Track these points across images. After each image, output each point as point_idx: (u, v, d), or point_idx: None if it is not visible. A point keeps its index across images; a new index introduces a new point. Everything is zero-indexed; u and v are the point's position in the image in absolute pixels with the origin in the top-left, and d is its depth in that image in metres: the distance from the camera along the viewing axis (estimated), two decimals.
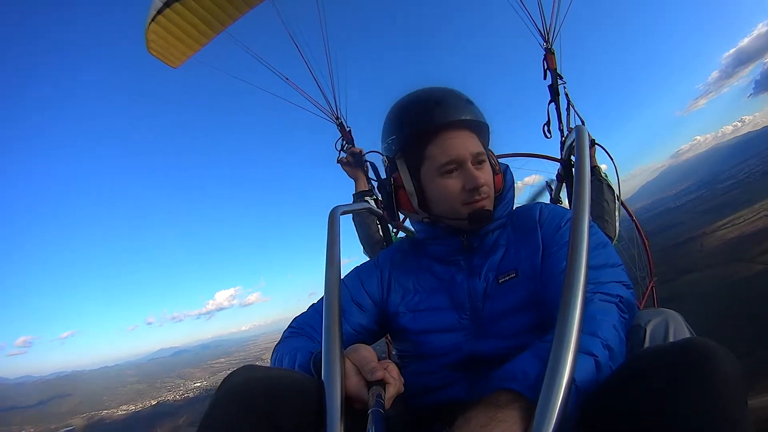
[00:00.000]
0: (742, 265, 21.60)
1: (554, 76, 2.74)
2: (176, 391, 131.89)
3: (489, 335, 1.26)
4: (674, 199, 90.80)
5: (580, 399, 0.79)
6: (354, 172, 2.77)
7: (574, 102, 2.70)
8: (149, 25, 2.98)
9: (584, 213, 0.97)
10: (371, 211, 2.12)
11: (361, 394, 0.92)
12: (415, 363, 1.35)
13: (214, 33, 3.17)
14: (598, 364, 0.85)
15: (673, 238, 39.20)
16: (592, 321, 0.94)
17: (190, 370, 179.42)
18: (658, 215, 69.94)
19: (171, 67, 3.33)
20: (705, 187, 76.88)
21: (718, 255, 27.39)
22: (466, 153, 1.30)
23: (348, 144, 3.02)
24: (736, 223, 31.15)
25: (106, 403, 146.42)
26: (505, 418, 0.76)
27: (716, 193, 58.51)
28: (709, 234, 32.68)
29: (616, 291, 1.07)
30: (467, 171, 1.30)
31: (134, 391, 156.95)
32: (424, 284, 1.41)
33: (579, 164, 1.14)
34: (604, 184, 2.39)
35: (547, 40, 2.76)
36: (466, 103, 1.36)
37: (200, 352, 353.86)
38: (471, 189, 1.29)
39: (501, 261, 1.36)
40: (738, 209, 34.57)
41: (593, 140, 2.36)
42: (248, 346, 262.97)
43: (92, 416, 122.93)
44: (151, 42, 3.08)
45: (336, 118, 3.11)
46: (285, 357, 1.20)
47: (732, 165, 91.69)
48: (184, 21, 2.99)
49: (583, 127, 1.33)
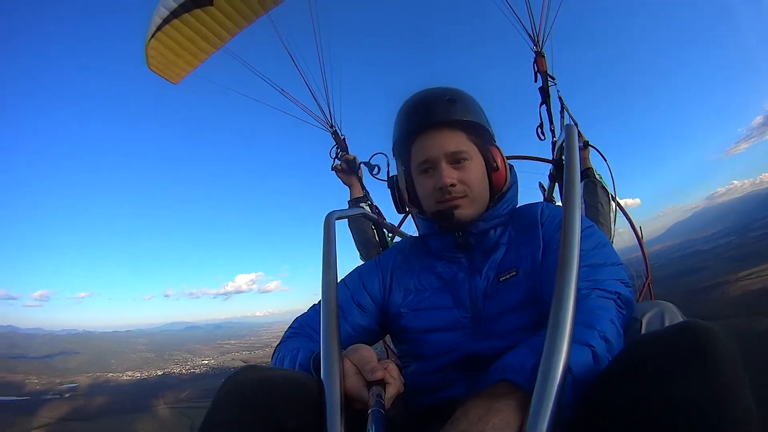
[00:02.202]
0: (761, 320, 21.17)
1: (545, 78, 2.75)
2: (183, 365, 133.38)
3: (488, 334, 1.26)
4: (704, 242, 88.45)
5: (579, 389, 0.80)
6: (348, 179, 2.83)
7: (567, 105, 2.72)
8: (149, 42, 3.01)
9: (575, 206, 1.00)
10: (366, 216, 2.12)
11: (361, 394, 0.93)
12: (414, 363, 1.36)
13: (214, 49, 3.17)
14: (596, 355, 0.85)
15: (696, 282, 38.39)
16: (589, 314, 0.95)
17: (200, 347, 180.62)
18: (686, 256, 68.26)
19: (172, 84, 3.36)
20: (736, 234, 74.74)
21: (738, 305, 26.82)
22: (439, 153, 1.32)
23: (342, 152, 3.05)
24: (762, 275, 30.41)
25: (113, 366, 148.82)
26: (502, 408, 0.77)
27: (746, 241, 56.88)
28: (732, 283, 31.94)
29: (614, 288, 1.08)
30: (437, 171, 1.33)
31: (142, 359, 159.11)
32: (425, 283, 1.42)
33: (568, 161, 1.17)
34: (598, 185, 2.38)
35: (537, 43, 2.79)
36: (448, 103, 1.36)
37: (212, 331, 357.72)
38: (439, 188, 1.32)
39: (502, 259, 1.36)
40: (765, 260, 33.71)
41: (587, 141, 2.39)
42: (260, 331, 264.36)
43: (97, 377, 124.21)
44: (151, 58, 3.12)
45: (330, 126, 3.14)
46: (286, 357, 1.21)
47: (767, 213, 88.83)
48: (183, 37, 3.01)
49: (573, 126, 1.37)
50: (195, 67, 3.27)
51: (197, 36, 3.03)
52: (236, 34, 3.15)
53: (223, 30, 3.06)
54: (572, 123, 2.58)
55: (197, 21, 2.93)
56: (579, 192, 1.05)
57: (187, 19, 2.90)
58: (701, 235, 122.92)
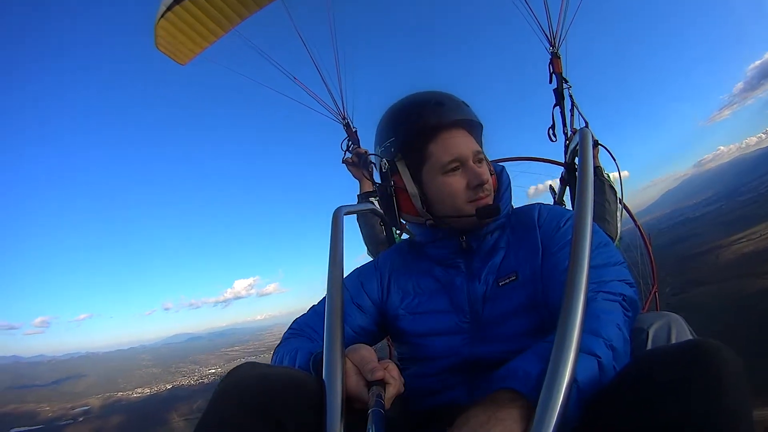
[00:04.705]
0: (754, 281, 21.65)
1: (560, 80, 2.72)
2: (191, 377, 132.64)
3: (488, 339, 1.25)
4: (693, 209, 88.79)
5: (583, 400, 0.79)
6: (359, 173, 2.75)
7: (578, 105, 2.70)
8: (158, 22, 2.97)
9: (587, 212, 0.98)
10: (375, 212, 2.08)
11: (361, 394, 0.93)
12: (415, 366, 1.36)
13: (224, 31, 3.15)
14: (601, 365, 0.84)
15: (688, 249, 38.89)
16: (595, 320, 0.93)
17: (204, 357, 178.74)
18: (677, 225, 68.64)
19: (179, 64, 3.34)
20: (725, 199, 74.74)
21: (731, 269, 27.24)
22: (468, 151, 1.31)
23: (354, 144, 3.03)
24: (752, 238, 30.76)
25: (121, 385, 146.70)
26: (504, 416, 0.76)
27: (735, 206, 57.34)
28: (725, 247, 32.23)
29: (619, 289, 1.06)
30: (470, 169, 1.31)
31: (149, 375, 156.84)
32: (423, 287, 1.41)
33: (582, 165, 1.16)
34: (605, 184, 2.37)
35: (554, 44, 2.76)
36: (463, 104, 1.38)
37: (214, 340, 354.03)
38: (476, 186, 1.30)
39: (501, 264, 1.34)
40: (755, 223, 34.07)
41: (596, 141, 2.30)
42: (263, 335, 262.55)
43: (108, 397, 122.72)
44: (160, 38, 3.08)
45: (343, 118, 3.10)
46: (285, 357, 1.21)
47: (754, 177, 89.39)
48: (193, 18, 2.98)
49: (587, 130, 1.36)
50: (204, 49, 3.26)
51: (207, 17, 3.03)
52: (247, 18, 3.14)
53: (233, 12, 3.06)
54: (586, 126, 2.57)
55: (208, 2, 2.94)
56: (591, 199, 1.03)
57: (198, 0, 2.90)
58: (691, 202, 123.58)
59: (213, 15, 3.02)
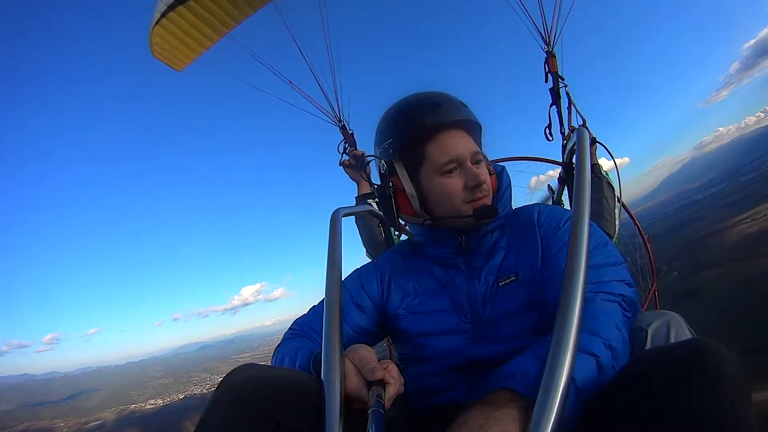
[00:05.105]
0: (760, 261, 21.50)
1: (555, 79, 2.72)
2: (203, 385, 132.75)
3: (489, 339, 1.25)
4: (696, 192, 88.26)
5: (582, 400, 0.79)
6: (356, 175, 2.76)
7: (575, 101, 2.68)
8: (153, 28, 2.99)
9: (584, 213, 0.99)
10: (373, 213, 2.08)
11: (361, 394, 0.92)
12: (415, 366, 1.35)
13: (219, 36, 3.16)
14: (600, 364, 0.84)
15: (693, 233, 38.76)
16: (594, 321, 0.93)
17: (216, 365, 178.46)
18: (681, 209, 68.23)
19: (176, 71, 3.36)
20: (727, 180, 74.00)
21: (737, 250, 27.04)
22: (465, 152, 1.30)
23: (350, 147, 3.05)
24: (756, 218, 30.52)
25: (134, 397, 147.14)
26: (502, 417, 0.75)
27: (738, 187, 56.91)
28: (729, 228, 32.01)
29: (618, 290, 1.06)
30: (468, 169, 1.30)
31: (161, 386, 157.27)
32: (423, 286, 1.41)
33: (579, 165, 1.16)
34: (603, 181, 2.36)
35: (549, 43, 2.75)
36: (461, 105, 1.38)
37: (225, 347, 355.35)
38: (473, 186, 1.29)
39: (501, 264, 1.34)
40: (759, 203, 33.80)
41: (594, 138, 2.30)
42: (273, 340, 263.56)
43: (122, 410, 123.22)
44: (156, 45, 3.11)
45: (339, 120, 3.12)
46: (285, 357, 1.21)
47: (755, 157, 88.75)
48: (187, 24, 2.99)
49: (584, 129, 1.36)
50: (199, 54, 3.26)
51: (202, 23, 3.02)
52: (241, 21, 3.15)
53: (227, 16, 3.07)
54: (584, 125, 2.57)
55: (202, 7, 2.94)
56: (589, 198, 1.04)
57: (192, 6, 2.90)
58: (693, 185, 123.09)
59: (207, 20, 3.04)
